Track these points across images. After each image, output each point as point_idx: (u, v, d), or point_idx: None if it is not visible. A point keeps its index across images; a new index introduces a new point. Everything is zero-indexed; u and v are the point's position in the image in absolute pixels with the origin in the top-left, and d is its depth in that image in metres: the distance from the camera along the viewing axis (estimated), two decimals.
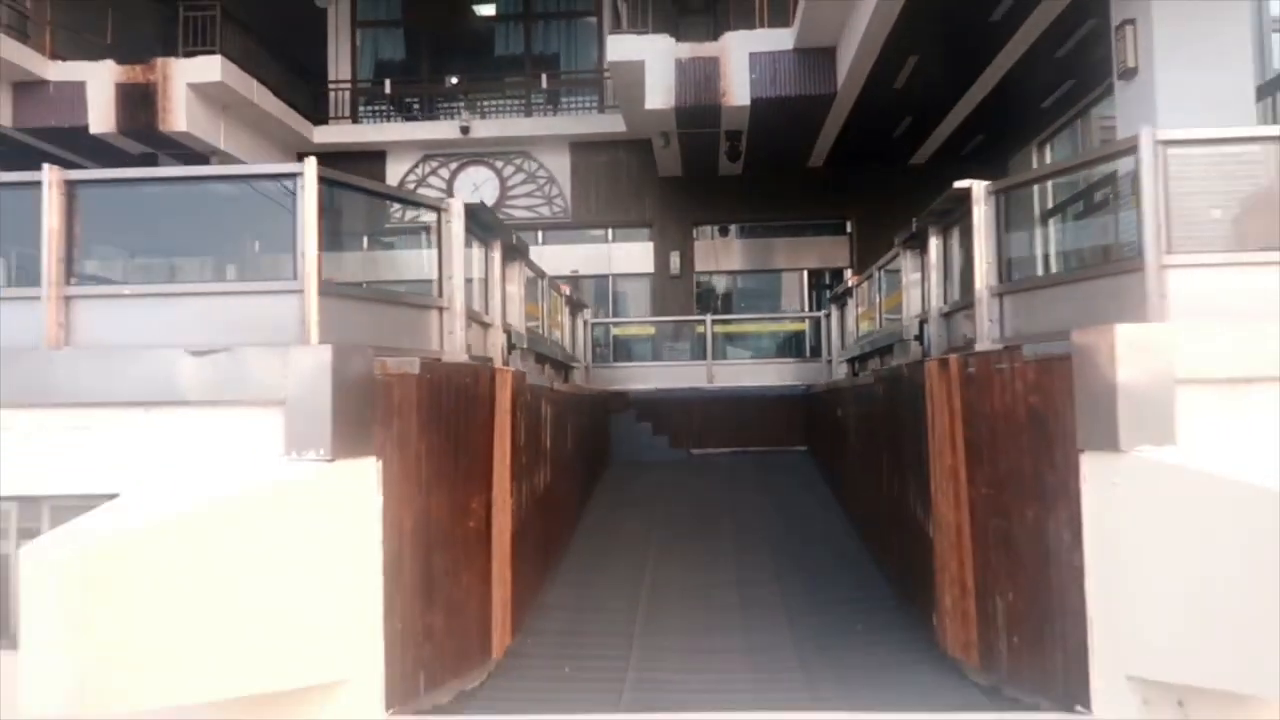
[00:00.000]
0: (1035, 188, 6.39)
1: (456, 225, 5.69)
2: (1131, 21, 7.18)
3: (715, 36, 11.24)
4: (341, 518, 4.41)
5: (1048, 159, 13.10)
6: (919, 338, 6.87)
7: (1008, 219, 5.49)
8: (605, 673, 5.24)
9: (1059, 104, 11.43)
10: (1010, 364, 4.91)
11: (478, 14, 15.08)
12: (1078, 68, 9.96)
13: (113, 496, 4.22)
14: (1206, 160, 4.61)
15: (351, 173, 14.05)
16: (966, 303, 5.72)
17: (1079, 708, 4.33)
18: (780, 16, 10.98)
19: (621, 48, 11.05)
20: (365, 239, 13.80)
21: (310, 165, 4.69)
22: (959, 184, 5.54)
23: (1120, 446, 4.09)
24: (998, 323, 5.36)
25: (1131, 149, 4.43)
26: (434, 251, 5.69)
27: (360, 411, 4.45)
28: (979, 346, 5.36)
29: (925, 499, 5.76)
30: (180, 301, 4.77)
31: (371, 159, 14.30)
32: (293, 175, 4.76)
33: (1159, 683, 4.05)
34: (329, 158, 13.23)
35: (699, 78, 11.04)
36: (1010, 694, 4.85)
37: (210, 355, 4.44)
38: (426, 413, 5.02)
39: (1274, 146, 4.54)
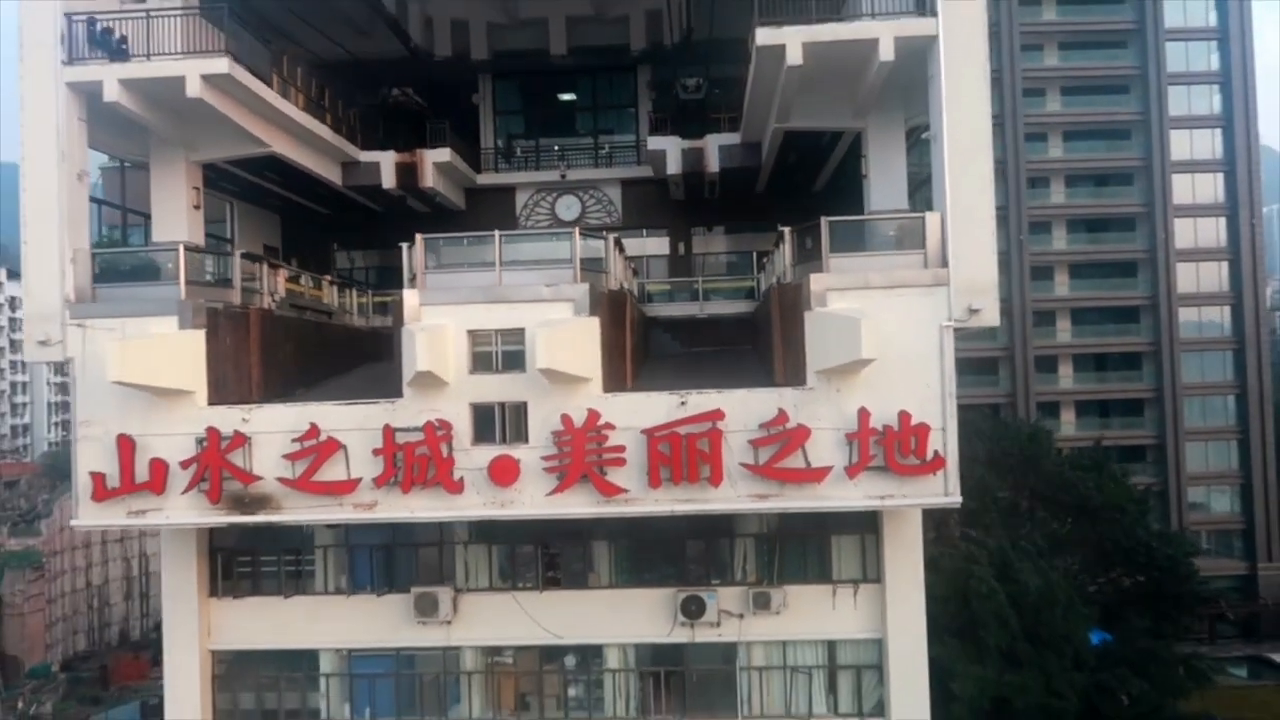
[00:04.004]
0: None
1: (611, 244, 16.06)
2: (865, 154, 17.50)
3: (701, 135, 21.46)
4: (590, 334, 14.71)
5: None
6: (778, 281, 17.22)
7: (799, 239, 15.84)
8: (665, 388, 15.64)
9: None
10: (791, 287, 15.31)
11: (564, 103, 25.27)
12: None
13: (521, 329, 14.56)
14: (846, 225, 15.03)
15: (492, 202, 25.92)
16: (785, 269, 16.09)
17: (804, 384, 14.64)
18: (733, 125, 21.19)
19: (654, 143, 21.31)
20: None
21: (577, 233, 14.98)
22: (781, 228, 15.91)
23: (813, 308, 14.42)
24: (792, 274, 15.70)
25: (818, 224, 14.75)
26: (602, 245, 16.07)
27: (595, 303, 14.73)
28: (785, 281, 15.74)
29: (771, 336, 16.19)
30: (540, 267, 15.11)
31: (506, 192, 24.44)
32: (568, 234, 15.10)
33: (822, 371, 14.37)
34: (483, 192, 24.60)
35: (693, 157, 21.21)
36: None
37: (552, 286, 14.78)
38: (609, 307, 15.37)
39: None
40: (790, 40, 14.57)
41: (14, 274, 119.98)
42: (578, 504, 14.55)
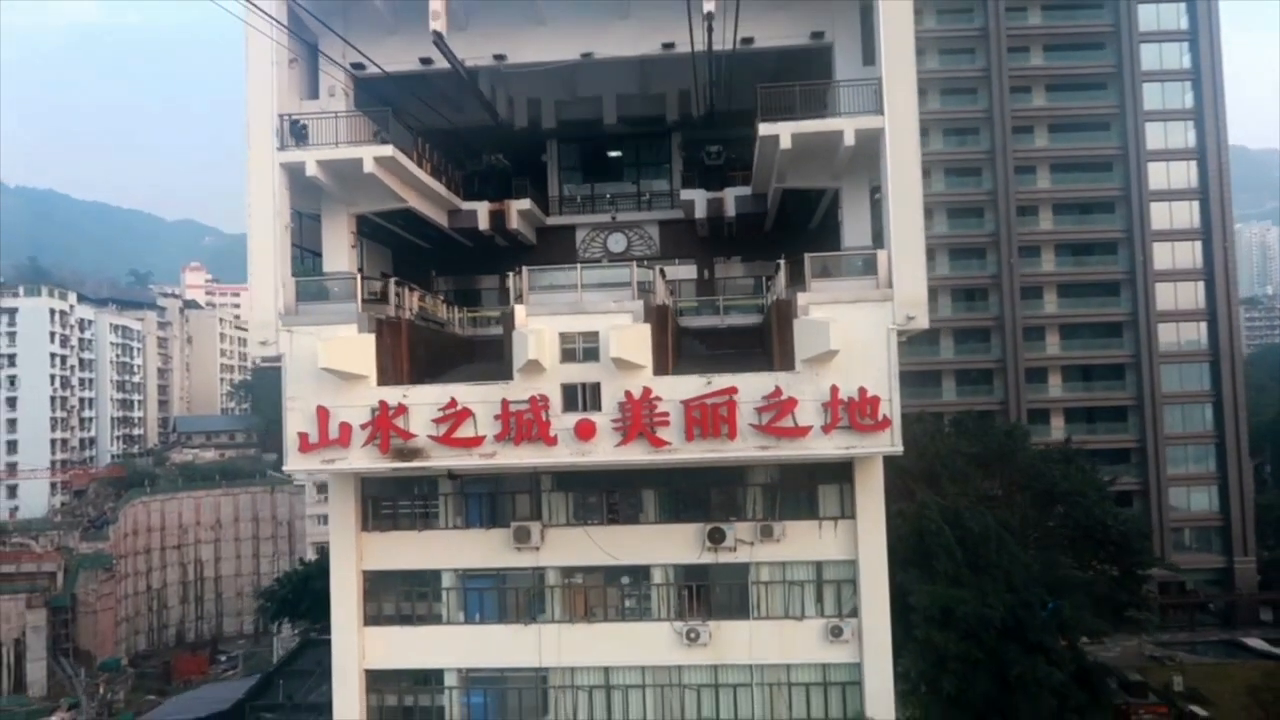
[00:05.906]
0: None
1: (657, 272, 22.41)
2: (840, 205, 23.79)
3: (721, 188, 27.76)
4: (644, 335, 20.93)
5: None
6: (777, 299, 23.46)
7: (791, 268, 22.13)
8: (696, 373, 21.90)
9: None
10: (786, 302, 21.57)
11: (613, 160, 31.73)
12: None
13: (596, 332, 20.91)
14: (822, 259, 21.34)
15: (557, 238, 33.71)
16: (781, 290, 22.35)
17: (794, 369, 20.79)
18: (746, 181, 27.46)
19: (685, 194, 27.65)
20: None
21: (634, 265, 21.33)
22: (778, 260, 22.22)
23: (799, 316, 20.64)
24: (786, 293, 21.93)
25: (802, 259, 21.01)
26: (650, 273, 22.43)
27: (647, 314, 21.00)
28: (781, 299, 22.00)
29: (772, 338, 22.44)
30: (608, 288, 21.45)
31: (568, 230, 30.78)
32: (628, 265, 21.46)
33: (805, 360, 20.53)
34: (550, 230, 32.04)
35: (715, 204, 27.49)
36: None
37: (618, 302, 21.11)
38: (657, 316, 21.65)
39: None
40: (783, 132, 20.91)
41: (84, 298, 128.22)
42: (636, 453, 20.75)
